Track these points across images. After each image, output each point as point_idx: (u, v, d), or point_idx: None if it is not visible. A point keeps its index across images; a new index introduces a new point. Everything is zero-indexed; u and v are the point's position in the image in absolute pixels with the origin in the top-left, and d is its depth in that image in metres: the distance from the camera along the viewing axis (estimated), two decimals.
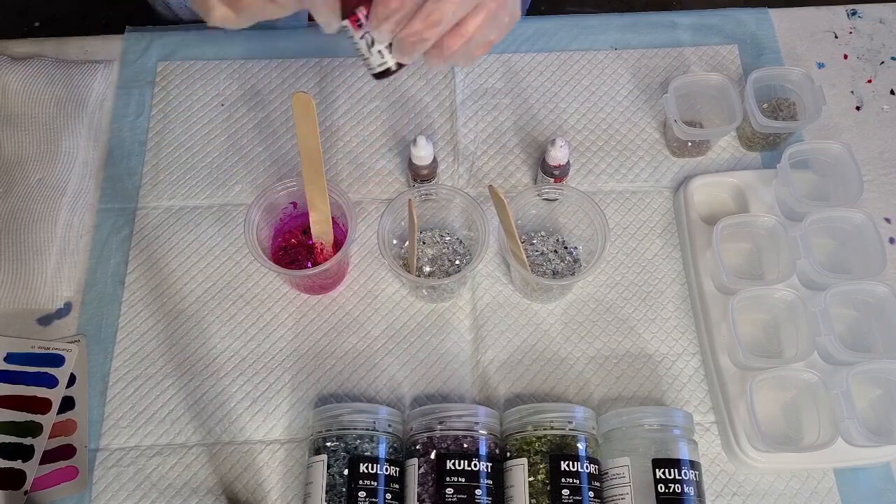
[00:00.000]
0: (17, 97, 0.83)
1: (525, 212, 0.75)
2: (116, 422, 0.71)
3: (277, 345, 0.74)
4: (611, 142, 0.84)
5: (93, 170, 0.82)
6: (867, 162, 0.83)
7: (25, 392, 0.70)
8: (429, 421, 0.65)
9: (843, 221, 0.74)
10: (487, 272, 0.77)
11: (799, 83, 0.81)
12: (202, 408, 0.72)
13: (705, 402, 0.72)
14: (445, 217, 0.77)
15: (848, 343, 0.70)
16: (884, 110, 0.86)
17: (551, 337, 0.75)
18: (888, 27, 0.91)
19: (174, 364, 0.73)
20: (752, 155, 0.83)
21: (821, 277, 0.71)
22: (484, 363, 0.74)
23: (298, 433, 0.71)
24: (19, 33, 0.88)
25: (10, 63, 0.84)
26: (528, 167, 0.83)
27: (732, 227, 0.74)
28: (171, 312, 0.75)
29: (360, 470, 0.62)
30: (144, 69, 0.87)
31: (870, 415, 0.70)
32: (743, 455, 0.68)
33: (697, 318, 0.75)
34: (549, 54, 0.89)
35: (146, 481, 0.69)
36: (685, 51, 0.89)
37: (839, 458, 0.67)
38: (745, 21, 0.91)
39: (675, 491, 0.61)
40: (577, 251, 0.77)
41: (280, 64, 0.87)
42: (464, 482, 0.61)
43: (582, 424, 0.64)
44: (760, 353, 0.72)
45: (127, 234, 0.79)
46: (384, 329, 0.75)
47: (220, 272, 0.77)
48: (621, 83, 0.87)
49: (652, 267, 0.78)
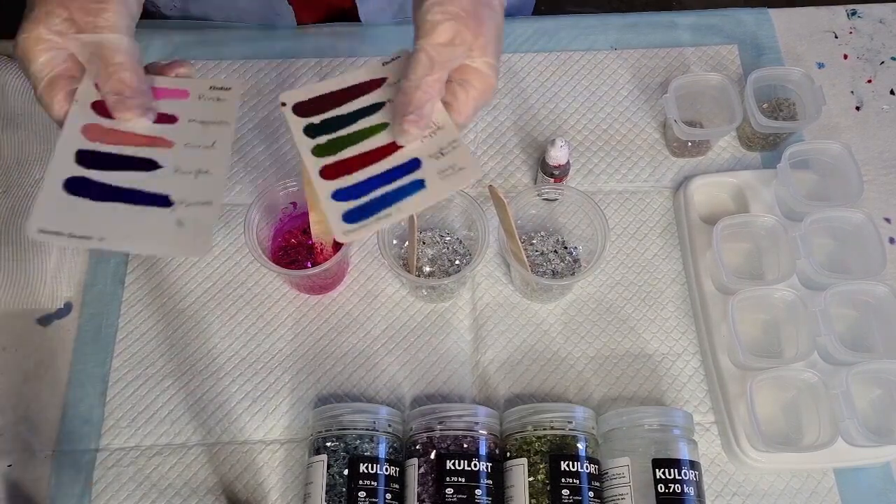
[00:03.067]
0: (17, 97, 0.83)
1: (525, 212, 0.75)
2: (116, 422, 0.71)
3: (277, 345, 0.74)
4: (611, 142, 0.84)
5: None
6: (867, 162, 0.83)
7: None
8: (429, 421, 0.65)
9: (843, 221, 0.74)
10: (487, 272, 0.77)
11: (799, 83, 0.81)
12: (202, 408, 0.72)
13: (705, 402, 0.72)
14: (445, 217, 0.77)
15: (848, 343, 0.70)
16: (884, 110, 0.86)
17: (551, 337, 0.75)
18: (888, 27, 0.91)
19: (174, 364, 0.73)
20: (752, 155, 0.83)
21: (821, 277, 0.71)
22: (484, 363, 0.74)
23: (298, 433, 0.71)
24: None
25: (10, 63, 0.84)
26: (528, 167, 0.83)
27: (732, 227, 0.74)
28: (171, 312, 0.75)
29: (360, 470, 0.62)
30: None
31: (870, 415, 0.70)
32: (743, 455, 0.68)
33: (697, 318, 0.75)
34: (549, 54, 0.89)
35: (146, 481, 0.69)
36: (685, 51, 0.89)
37: (839, 458, 0.67)
38: (745, 21, 0.91)
39: (675, 491, 0.61)
40: (577, 251, 0.77)
41: (280, 64, 0.87)
42: (464, 482, 0.61)
43: (582, 424, 0.64)
44: (760, 353, 0.72)
45: None
46: (384, 329, 0.75)
47: (220, 272, 0.77)
48: (621, 83, 0.87)
49: (652, 267, 0.78)
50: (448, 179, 0.53)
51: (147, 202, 0.51)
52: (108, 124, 0.53)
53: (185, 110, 0.56)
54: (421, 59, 0.51)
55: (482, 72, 0.54)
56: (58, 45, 0.50)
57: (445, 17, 0.51)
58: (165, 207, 0.51)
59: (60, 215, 0.49)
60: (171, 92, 0.56)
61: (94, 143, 0.52)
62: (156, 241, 0.50)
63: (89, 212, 0.50)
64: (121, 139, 0.53)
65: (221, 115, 0.56)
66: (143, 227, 0.50)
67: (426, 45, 0.51)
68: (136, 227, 0.50)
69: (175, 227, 0.51)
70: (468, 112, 0.54)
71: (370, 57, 0.88)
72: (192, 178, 0.53)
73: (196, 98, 0.56)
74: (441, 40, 0.51)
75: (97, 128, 0.53)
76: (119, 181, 0.52)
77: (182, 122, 0.55)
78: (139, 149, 0.53)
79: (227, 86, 0.57)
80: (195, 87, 0.57)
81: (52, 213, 0.49)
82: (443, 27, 0.51)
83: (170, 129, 0.54)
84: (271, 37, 0.88)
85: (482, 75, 0.54)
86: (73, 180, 0.51)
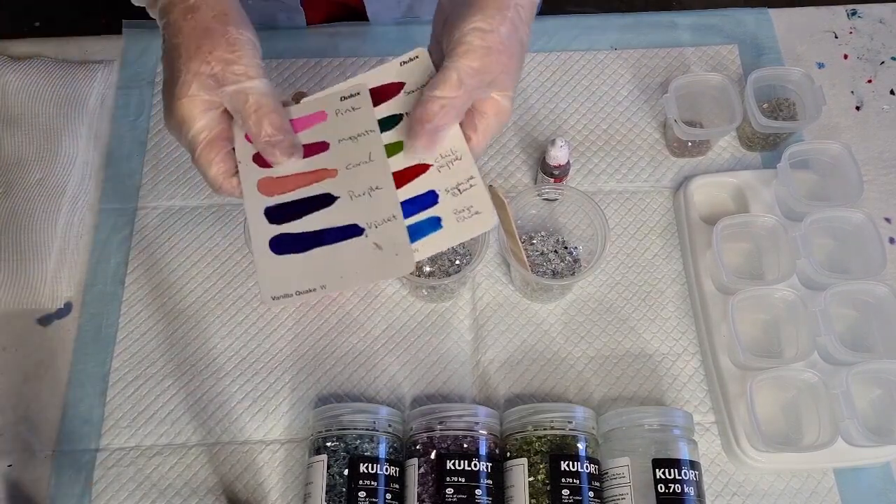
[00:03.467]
0: (17, 97, 0.83)
1: (525, 212, 0.75)
2: (116, 422, 0.71)
3: (277, 345, 0.74)
4: (611, 142, 0.84)
5: (93, 170, 0.82)
6: (867, 162, 0.83)
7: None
8: (429, 421, 0.65)
9: (843, 221, 0.74)
10: (487, 272, 0.77)
11: (799, 83, 0.81)
12: (202, 408, 0.72)
13: (705, 402, 0.72)
14: None
15: (848, 343, 0.70)
16: (884, 110, 0.86)
17: (551, 337, 0.75)
18: (888, 27, 0.91)
19: (174, 364, 0.73)
20: (752, 155, 0.83)
21: (821, 277, 0.71)
22: (484, 363, 0.74)
23: (298, 433, 0.71)
24: (19, 33, 0.88)
25: (10, 63, 0.84)
26: (528, 167, 0.83)
27: (732, 227, 0.74)
28: (171, 312, 0.75)
29: (360, 470, 0.62)
30: (144, 69, 0.87)
31: (870, 415, 0.70)
32: (743, 455, 0.68)
33: (697, 318, 0.75)
34: (549, 54, 0.89)
35: (146, 481, 0.69)
36: (685, 51, 0.89)
37: (839, 458, 0.67)
38: (745, 21, 0.91)
39: (675, 491, 0.61)
40: (577, 251, 0.77)
41: (280, 64, 0.87)
42: (464, 482, 0.61)
43: (582, 424, 0.64)
44: (760, 353, 0.72)
45: (127, 234, 0.79)
46: (384, 329, 0.75)
47: (220, 272, 0.77)
48: (621, 83, 0.87)
49: (652, 267, 0.78)
50: (464, 223, 0.53)
51: (343, 237, 0.53)
52: (275, 174, 0.55)
53: (331, 132, 0.56)
54: (451, 77, 0.51)
55: (501, 104, 0.54)
56: (213, 103, 0.52)
57: (483, 45, 0.51)
58: (360, 236, 0.53)
59: (281, 279, 0.53)
60: (309, 119, 0.57)
61: (273, 198, 0.54)
62: (366, 271, 0.53)
63: (301, 265, 0.53)
64: (292, 184, 0.55)
65: (363, 125, 0.56)
66: (351, 263, 0.53)
67: (460, 65, 0.51)
68: (344, 265, 0.53)
69: (375, 251, 0.53)
70: (484, 143, 0.55)
71: (382, 57, 0.87)
72: (368, 199, 0.54)
73: (334, 115, 0.57)
74: (475, 66, 0.52)
75: (268, 181, 0.55)
76: (311, 226, 0.54)
77: (333, 145, 0.56)
78: (310, 188, 0.55)
79: (353, 92, 0.57)
80: (328, 105, 0.57)
81: (275, 279, 0.53)
82: (478, 54, 0.51)
83: (327, 157, 0.56)
84: (271, 37, 0.88)
85: (501, 107, 0.54)
86: (276, 240, 0.54)
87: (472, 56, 0.51)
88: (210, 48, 0.50)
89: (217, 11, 0.51)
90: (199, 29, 0.51)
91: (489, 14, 0.52)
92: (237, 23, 0.52)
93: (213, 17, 0.51)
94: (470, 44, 0.51)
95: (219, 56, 0.50)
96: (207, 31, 0.51)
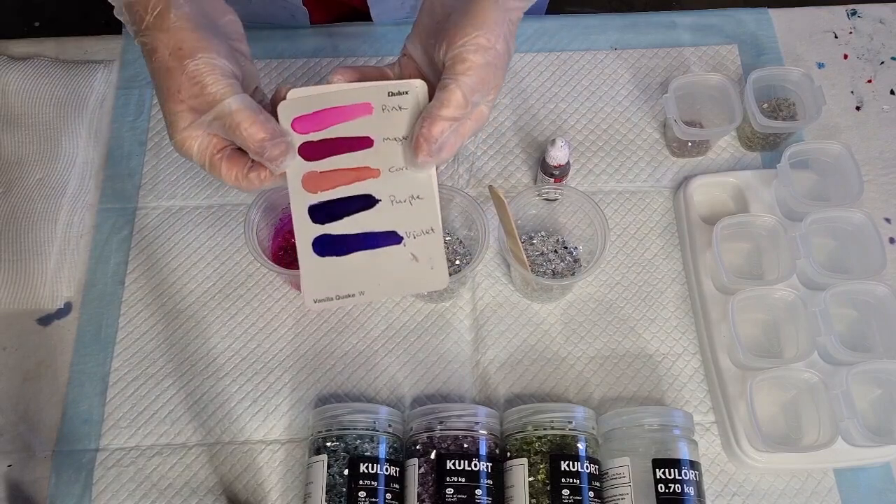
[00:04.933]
0: (17, 97, 0.83)
1: (525, 212, 0.75)
2: (116, 422, 0.71)
3: (277, 345, 0.74)
4: (611, 142, 0.84)
5: (93, 170, 0.82)
6: (867, 162, 0.83)
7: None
8: (429, 421, 0.65)
9: (842, 221, 0.74)
10: (487, 272, 0.77)
11: (799, 83, 0.81)
12: (202, 408, 0.72)
13: (705, 402, 0.72)
14: (445, 217, 0.77)
15: (848, 343, 0.70)
16: (884, 110, 0.86)
17: (551, 337, 0.75)
18: (888, 27, 0.91)
19: (174, 364, 0.73)
20: (752, 155, 0.83)
21: (821, 277, 0.71)
22: (484, 363, 0.74)
23: (298, 433, 0.71)
24: (19, 33, 0.88)
25: (10, 63, 0.84)
26: (528, 167, 0.83)
27: (732, 227, 0.74)
28: (171, 312, 0.75)
29: (360, 470, 0.62)
30: (144, 69, 0.86)
31: (870, 415, 0.70)
32: (743, 455, 0.68)
33: (697, 318, 0.75)
34: (549, 54, 0.89)
35: (146, 481, 0.69)
36: (685, 51, 0.89)
37: (839, 458, 0.67)
38: (745, 21, 0.91)
39: (675, 491, 0.61)
40: (577, 251, 0.77)
41: (280, 64, 0.87)
42: (464, 482, 0.61)
43: (582, 424, 0.64)
44: (760, 353, 0.72)
45: (127, 234, 0.79)
46: (384, 329, 0.75)
47: (220, 272, 0.77)
48: (621, 83, 0.87)
49: (652, 267, 0.78)
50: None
51: (382, 243, 0.54)
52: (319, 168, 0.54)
53: (376, 128, 0.55)
54: (457, 97, 0.52)
55: (483, 111, 0.55)
56: (195, 135, 0.52)
57: (484, 63, 0.52)
58: (398, 245, 0.53)
59: (323, 282, 0.54)
60: (353, 110, 0.55)
61: (316, 195, 0.54)
62: (401, 282, 0.53)
63: (342, 269, 0.53)
64: (336, 180, 0.54)
65: (409, 127, 0.55)
66: (388, 271, 0.53)
67: (463, 83, 0.52)
68: (381, 272, 0.53)
69: (411, 262, 0.53)
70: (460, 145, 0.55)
71: (381, 57, 0.88)
72: (408, 207, 0.54)
73: (380, 111, 0.55)
74: (477, 83, 0.52)
75: (313, 176, 0.54)
76: (352, 228, 0.54)
77: (378, 143, 0.55)
78: (353, 186, 0.54)
79: (402, 89, 0.55)
80: (375, 97, 0.55)
81: (318, 282, 0.54)
82: (480, 72, 0.52)
83: (371, 154, 0.55)
84: (271, 37, 0.88)
85: (482, 114, 0.55)
86: (318, 241, 0.54)
87: (474, 74, 0.52)
88: (176, 87, 0.51)
89: (171, 48, 0.51)
90: (162, 70, 0.52)
91: (489, 29, 0.52)
92: (192, 52, 0.51)
93: (170, 56, 0.51)
94: (473, 62, 0.52)
95: (186, 92, 0.51)
96: (169, 71, 0.51)
